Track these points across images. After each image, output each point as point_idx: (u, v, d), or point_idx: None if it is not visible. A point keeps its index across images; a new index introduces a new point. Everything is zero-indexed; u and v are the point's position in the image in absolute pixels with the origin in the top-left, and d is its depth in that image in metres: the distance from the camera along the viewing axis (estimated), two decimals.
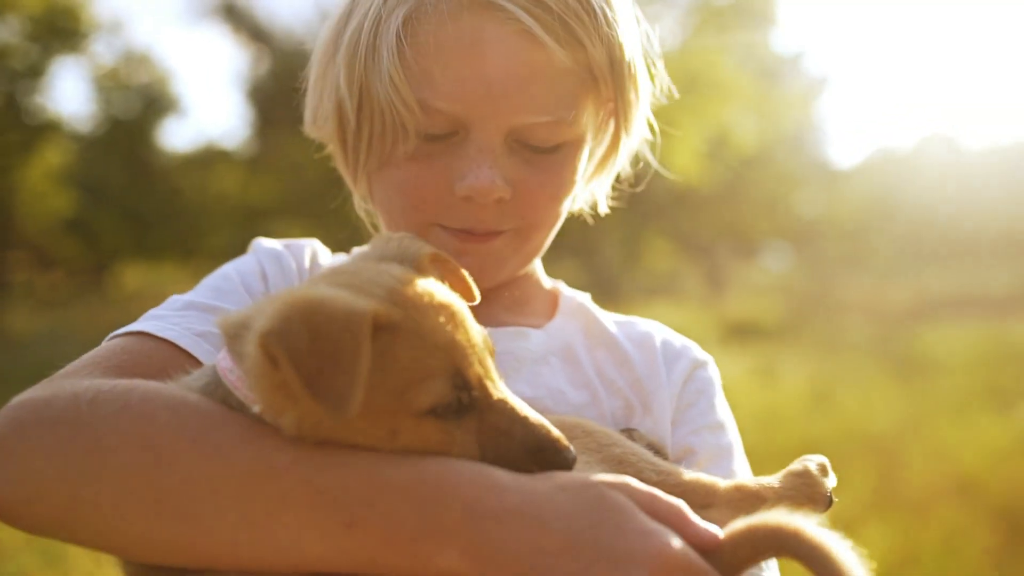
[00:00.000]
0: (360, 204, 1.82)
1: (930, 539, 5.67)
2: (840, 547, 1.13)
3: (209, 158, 36.10)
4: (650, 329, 1.81)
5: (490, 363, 1.22)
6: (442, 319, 1.17)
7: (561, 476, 1.18)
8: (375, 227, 1.80)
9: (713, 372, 1.77)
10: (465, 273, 1.36)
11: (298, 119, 1.80)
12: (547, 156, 1.60)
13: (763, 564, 1.41)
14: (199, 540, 1.15)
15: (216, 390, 1.23)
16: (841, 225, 31.92)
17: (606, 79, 1.61)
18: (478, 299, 1.35)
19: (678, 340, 1.80)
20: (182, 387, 1.28)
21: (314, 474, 1.14)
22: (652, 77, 1.74)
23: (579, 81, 1.58)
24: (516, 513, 1.13)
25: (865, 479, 6.79)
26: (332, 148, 1.77)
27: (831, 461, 1.45)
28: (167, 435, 1.17)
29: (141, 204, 30.94)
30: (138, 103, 33.13)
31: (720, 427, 1.68)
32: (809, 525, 1.16)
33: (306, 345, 1.06)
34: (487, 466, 1.17)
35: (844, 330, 18.73)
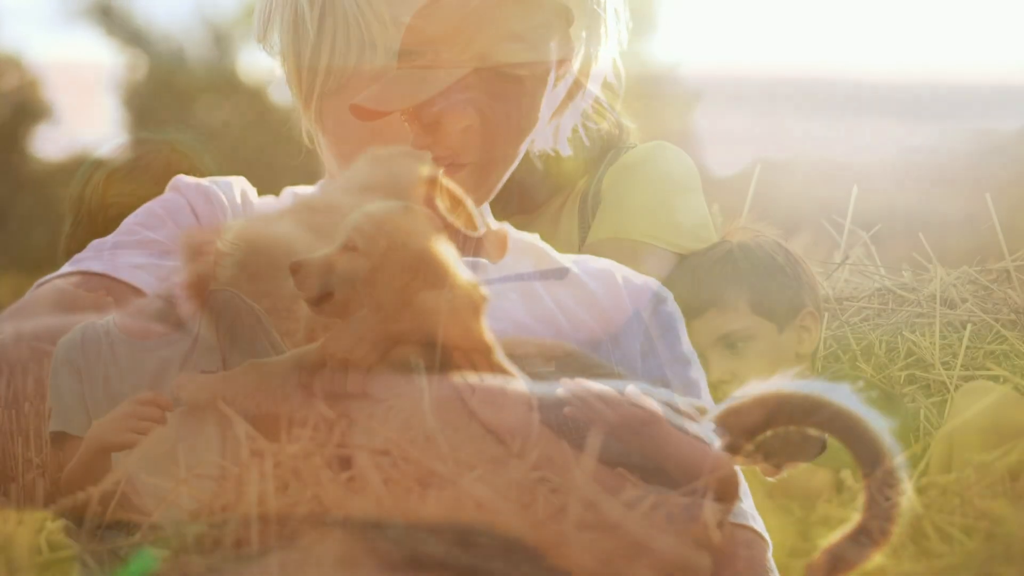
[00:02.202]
0: (308, 131, 1.72)
1: (820, 529, 5.78)
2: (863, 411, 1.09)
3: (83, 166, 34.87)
4: (608, 266, 1.73)
5: (473, 324, 1.09)
6: (417, 277, 1.05)
7: None
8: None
9: (674, 308, 1.71)
10: (466, 200, 1.26)
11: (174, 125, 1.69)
12: (514, 87, 1.54)
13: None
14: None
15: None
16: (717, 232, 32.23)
17: (581, 12, 1.58)
18: (481, 231, 1.28)
19: (638, 277, 1.73)
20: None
21: None
22: (618, 17, 1.71)
23: (554, 14, 1.53)
24: None
25: (759, 475, 6.90)
26: (283, 65, 1.65)
27: None
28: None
29: (12, 214, 29.78)
30: (6, 109, 31.90)
31: (687, 361, 1.64)
32: (832, 392, 1.11)
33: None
34: None
35: None
